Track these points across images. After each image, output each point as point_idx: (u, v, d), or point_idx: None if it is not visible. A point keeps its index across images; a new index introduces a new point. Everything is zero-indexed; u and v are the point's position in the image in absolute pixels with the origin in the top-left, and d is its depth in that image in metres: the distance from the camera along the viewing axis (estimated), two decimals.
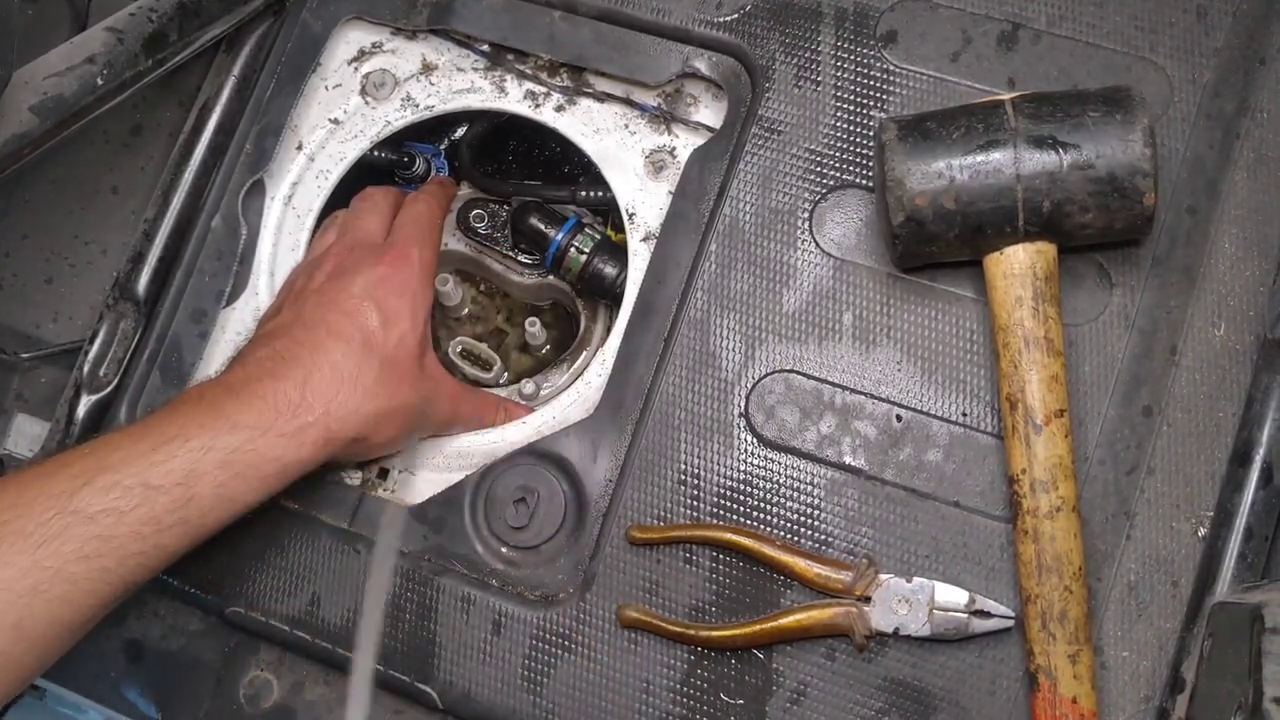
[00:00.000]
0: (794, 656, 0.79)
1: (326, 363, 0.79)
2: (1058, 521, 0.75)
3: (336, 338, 0.80)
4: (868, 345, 0.83)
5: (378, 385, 0.80)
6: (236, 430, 0.75)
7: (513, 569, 0.84)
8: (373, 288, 0.83)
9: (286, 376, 0.78)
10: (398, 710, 0.84)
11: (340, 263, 0.86)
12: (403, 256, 0.86)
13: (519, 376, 1.01)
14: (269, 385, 0.77)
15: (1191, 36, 0.84)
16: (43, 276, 0.97)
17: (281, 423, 0.76)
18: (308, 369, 0.78)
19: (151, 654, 0.88)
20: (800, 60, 0.88)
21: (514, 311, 1.05)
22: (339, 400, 0.78)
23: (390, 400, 0.81)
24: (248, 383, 0.78)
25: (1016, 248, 0.77)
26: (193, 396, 0.78)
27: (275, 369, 0.78)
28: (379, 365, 0.81)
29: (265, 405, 0.76)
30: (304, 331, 0.81)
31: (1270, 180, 0.82)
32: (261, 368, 0.79)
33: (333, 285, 0.84)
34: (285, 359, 0.79)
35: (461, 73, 0.96)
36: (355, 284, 0.84)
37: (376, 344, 0.81)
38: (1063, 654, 0.74)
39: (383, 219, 0.91)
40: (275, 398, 0.77)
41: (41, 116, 0.79)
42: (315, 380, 0.78)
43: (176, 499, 0.73)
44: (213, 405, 0.76)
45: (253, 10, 0.95)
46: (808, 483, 0.81)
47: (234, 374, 0.80)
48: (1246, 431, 0.78)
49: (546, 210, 0.99)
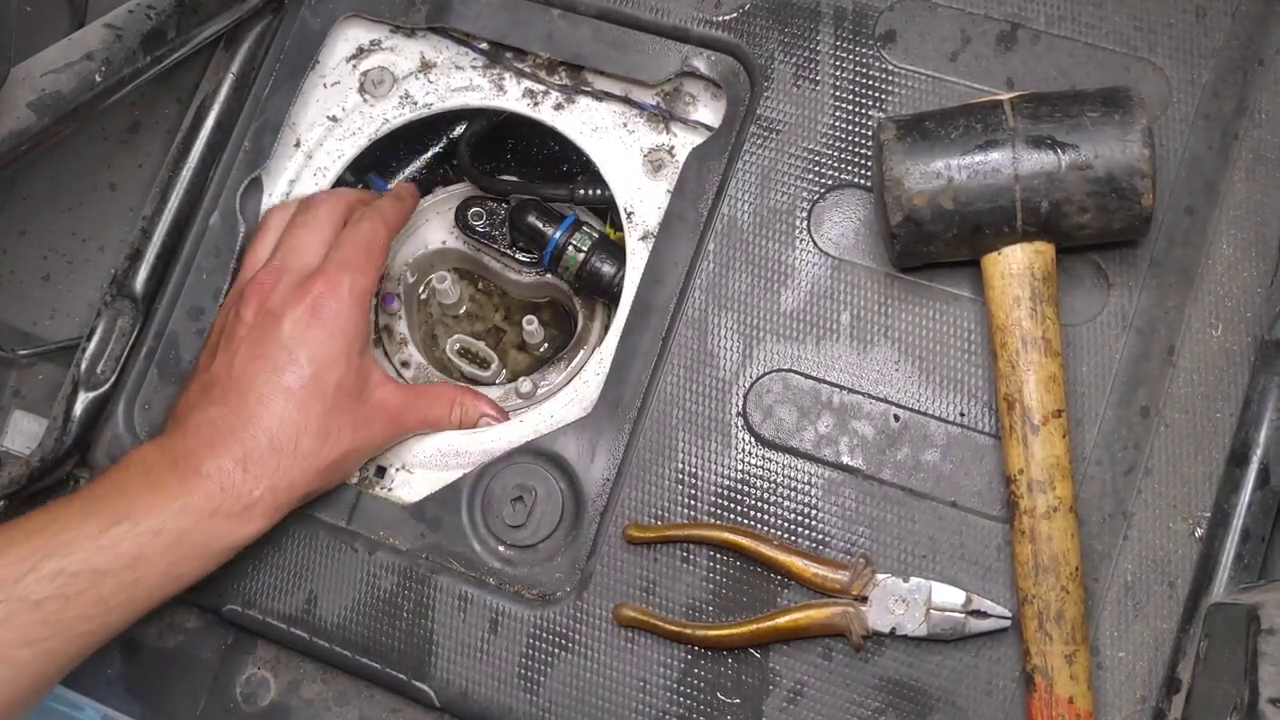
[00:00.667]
0: (791, 656, 0.79)
1: (264, 433, 0.78)
2: (1055, 522, 0.75)
3: (268, 404, 0.78)
4: (866, 345, 0.83)
5: (317, 444, 0.79)
6: (185, 514, 0.74)
7: (510, 568, 0.84)
8: (300, 332, 0.80)
9: (225, 452, 0.77)
10: (395, 709, 0.84)
11: (265, 298, 0.83)
12: (332, 288, 0.82)
13: (516, 375, 1.01)
14: (210, 462, 0.76)
15: (1190, 37, 0.84)
16: (40, 273, 0.97)
17: (229, 504, 0.76)
18: (246, 444, 0.77)
19: (148, 651, 0.88)
20: (799, 59, 0.88)
21: (512, 310, 1.05)
22: (281, 471, 0.78)
23: (332, 452, 0.80)
24: (189, 456, 0.76)
25: (1014, 248, 0.77)
26: (139, 468, 0.77)
27: (214, 441, 0.77)
28: (316, 420, 0.79)
29: (211, 485, 0.75)
30: (237, 398, 0.79)
31: (1268, 181, 0.82)
32: (200, 437, 0.77)
33: (260, 330, 0.81)
34: (222, 430, 0.78)
35: (460, 71, 0.96)
36: (283, 329, 0.81)
37: (312, 395, 0.80)
38: (1059, 654, 0.74)
39: (322, 237, 0.86)
40: (219, 476, 0.76)
41: (39, 113, 0.79)
42: (255, 455, 0.77)
43: (124, 581, 0.72)
44: (158, 484, 0.75)
45: (251, 7, 0.94)
46: (805, 482, 0.81)
47: (176, 441, 0.78)
48: (1244, 432, 0.78)
49: (544, 208, 0.98)
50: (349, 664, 0.84)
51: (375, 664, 0.83)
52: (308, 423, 0.79)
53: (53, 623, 0.70)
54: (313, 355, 0.80)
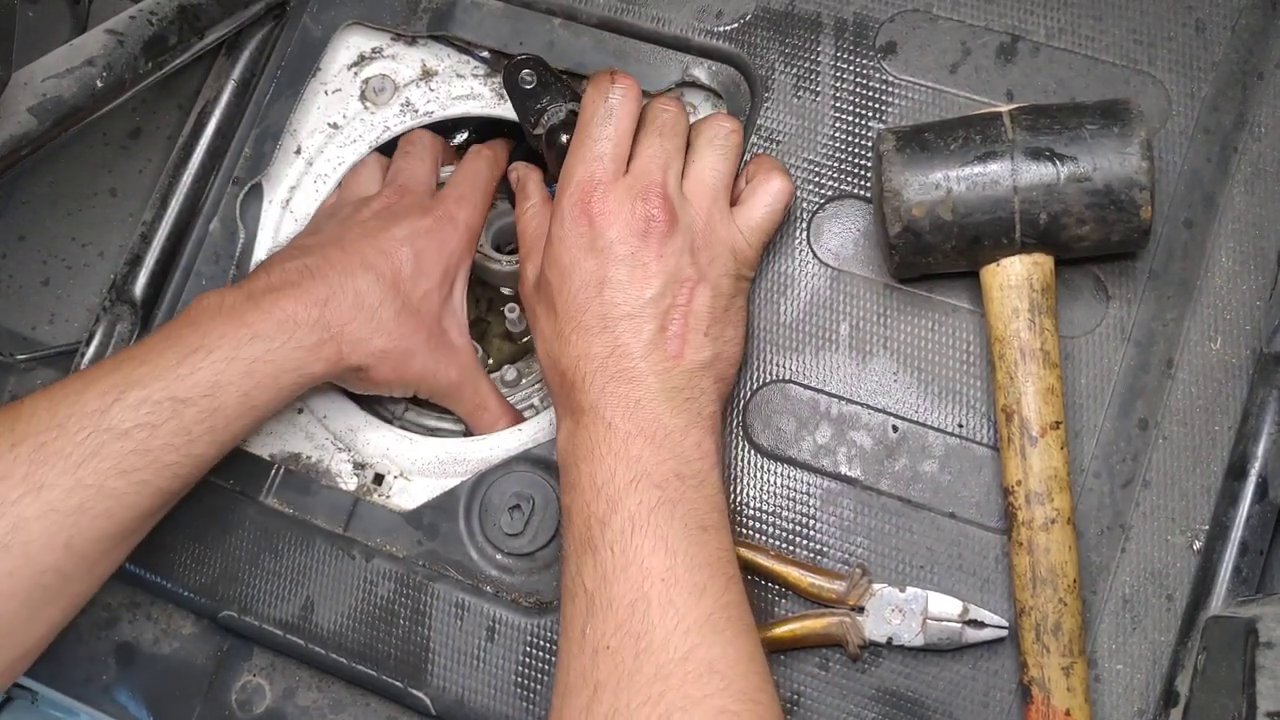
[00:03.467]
0: (787, 666, 0.79)
1: (351, 289, 0.81)
2: (1053, 534, 0.75)
3: (367, 269, 0.82)
4: (864, 356, 0.83)
5: (392, 324, 0.82)
6: (257, 340, 0.76)
7: (507, 575, 0.84)
8: (414, 238, 0.85)
9: (310, 291, 0.79)
10: (391, 717, 0.84)
11: (389, 204, 0.88)
12: (448, 216, 0.88)
13: (501, 364, 1.00)
14: (291, 296, 0.79)
15: (1190, 51, 0.84)
16: (39, 278, 0.97)
17: (300, 335, 0.78)
18: (333, 289, 0.80)
19: (143, 658, 0.88)
20: (799, 70, 0.88)
21: (495, 301, 1.03)
22: (354, 326, 0.80)
23: (399, 343, 0.83)
24: (270, 291, 0.79)
25: (1013, 259, 0.77)
26: (212, 304, 0.79)
27: (301, 281, 0.80)
28: (399, 307, 0.82)
29: (285, 317, 0.78)
30: (339, 254, 0.82)
31: (1267, 194, 0.82)
32: (286, 277, 0.80)
33: (376, 223, 0.86)
34: (314, 274, 0.80)
35: (461, 79, 0.97)
36: (399, 229, 0.85)
37: (403, 288, 0.83)
38: (1056, 666, 0.74)
39: (430, 167, 0.93)
40: (295, 310, 0.78)
41: (40, 118, 0.79)
42: (336, 302, 0.80)
43: (204, 410, 0.75)
44: (233, 313, 0.77)
45: (253, 14, 0.95)
46: (803, 492, 0.81)
47: (258, 281, 0.80)
48: (1242, 446, 0.78)
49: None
50: (345, 671, 0.84)
51: (371, 671, 0.83)
52: (391, 302, 0.82)
53: (142, 452, 0.73)
54: (418, 260, 0.84)
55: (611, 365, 0.75)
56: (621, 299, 0.76)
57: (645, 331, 0.75)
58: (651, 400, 0.74)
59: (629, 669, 0.66)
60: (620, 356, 0.75)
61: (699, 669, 0.65)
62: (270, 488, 0.88)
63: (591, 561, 0.70)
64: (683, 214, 0.78)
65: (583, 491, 0.73)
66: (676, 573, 0.68)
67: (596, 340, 0.75)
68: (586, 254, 0.77)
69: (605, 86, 0.80)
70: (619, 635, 0.67)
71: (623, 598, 0.68)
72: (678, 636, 0.66)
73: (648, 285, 0.76)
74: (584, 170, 0.78)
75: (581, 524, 0.72)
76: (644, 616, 0.67)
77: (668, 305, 0.76)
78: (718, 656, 0.66)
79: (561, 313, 0.77)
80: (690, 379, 0.76)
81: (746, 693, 0.66)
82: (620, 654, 0.66)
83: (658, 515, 0.70)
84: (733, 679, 0.66)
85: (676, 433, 0.74)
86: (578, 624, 0.69)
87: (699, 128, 0.82)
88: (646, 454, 0.72)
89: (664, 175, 0.78)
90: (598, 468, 0.72)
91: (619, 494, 0.71)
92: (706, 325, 0.77)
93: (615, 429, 0.73)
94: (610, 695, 0.65)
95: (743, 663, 0.67)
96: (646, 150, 0.79)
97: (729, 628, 0.68)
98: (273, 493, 0.88)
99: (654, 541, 0.69)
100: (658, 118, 0.81)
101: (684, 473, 0.73)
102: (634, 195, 0.77)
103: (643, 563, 0.69)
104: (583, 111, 0.81)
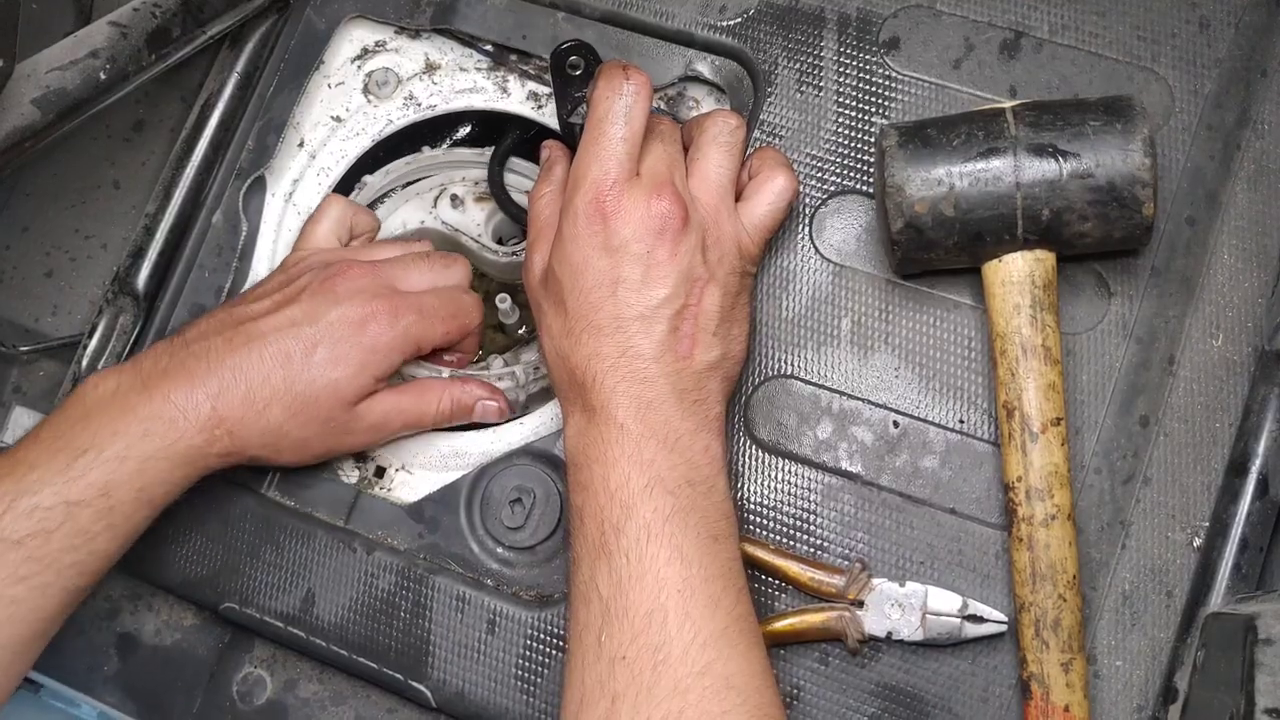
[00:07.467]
0: (787, 660, 0.79)
1: (244, 383, 0.78)
2: (1053, 530, 0.75)
3: (264, 360, 0.79)
4: (866, 351, 0.83)
5: (283, 418, 0.79)
6: (149, 438, 0.75)
7: (508, 569, 0.84)
8: (338, 324, 0.81)
9: (201, 385, 0.77)
10: (391, 709, 0.84)
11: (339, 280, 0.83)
12: (393, 314, 0.82)
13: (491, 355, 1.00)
14: (183, 388, 0.77)
15: (1194, 47, 0.84)
16: (43, 270, 0.98)
17: (191, 432, 0.76)
18: (225, 383, 0.78)
19: (145, 649, 0.88)
20: (802, 65, 0.88)
21: (490, 293, 1.03)
22: (244, 423, 0.78)
23: (290, 435, 0.80)
24: (164, 377, 0.77)
25: (1015, 255, 0.77)
26: (105, 391, 0.77)
27: (194, 369, 0.78)
28: (293, 400, 0.79)
29: (176, 413, 0.76)
30: (242, 340, 0.79)
31: (1270, 192, 0.82)
32: (178, 360, 0.78)
33: (310, 298, 0.82)
34: (208, 362, 0.78)
35: (464, 72, 0.97)
36: (330, 312, 0.81)
37: (302, 379, 0.79)
38: (1056, 662, 0.74)
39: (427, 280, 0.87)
40: (186, 405, 0.76)
41: (43, 110, 0.79)
42: (227, 398, 0.77)
43: (99, 509, 0.74)
44: (125, 405, 0.76)
45: (257, 7, 0.95)
46: (804, 487, 0.82)
47: (158, 361, 0.79)
48: (1243, 443, 0.78)
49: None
50: (346, 663, 0.84)
51: (372, 664, 0.83)
52: (286, 396, 0.79)
53: (38, 558, 0.72)
54: (334, 348, 0.80)
55: (623, 366, 0.74)
56: (635, 299, 0.75)
57: (657, 332, 0.75)
58: (663, 402, 0.74)
59: (647, 681, 0.65)
60: (632, 358, 0.74)
61: (717, 684, 0.65)
62: (272, 480, 0.88)
63: (606, 567, 0.70)
64: (693, 212, 0.77)
65: (595, 494, 0.72)
66: (692, 584, 0.68)
67: (608, 341, 0.75)
68: (600, 253, 0.76)
69: (619, 83, 0.78)
70: (636, 646, 0.67)
71: (639, 607, 0.68)
72: (695, 650, 0.66)
73: (661, 285, 0.75)
74: (599, 169, 0.77)
75: (595, 528, 0.71)
76: (661, 628, 0.67)
77: (680, 305, 0.75)
78: (734, 671, 0.66)
79: (572, 311, 0.76)
80: (699, 380, 0.76)
81: (761, 708, 0.66)
82: (638, 665, 0.66)
83: (672, 524, 0.70)
84: (749, 694, 0.66)
85: (686, 436, 0.74)
86: (593, 630, 0.69)
87: (702, 124, 0.82)
88: (660, 458, 0.72)
89: (673, 175, 0.78)
90: (611, 471, 0.72)
91: (633, 500, 0.71)
92: (715, 325, 0.77)
93: (628, 431, 0.73)
94: (629, 708, 0.65)
95: (757, 677, 0.67)
96: (654, 152, 0.79)
97: (742, 641, 0.68)
98: (274, 485, 0.88)
99: (669, 551, 0.69)
100: (656, 124, 0.81)
101: (694, 479, 0.73)
102: (648, 194, 0.76)
103: (658, 572, 0.68)
104: (596, 107, 0.79)
